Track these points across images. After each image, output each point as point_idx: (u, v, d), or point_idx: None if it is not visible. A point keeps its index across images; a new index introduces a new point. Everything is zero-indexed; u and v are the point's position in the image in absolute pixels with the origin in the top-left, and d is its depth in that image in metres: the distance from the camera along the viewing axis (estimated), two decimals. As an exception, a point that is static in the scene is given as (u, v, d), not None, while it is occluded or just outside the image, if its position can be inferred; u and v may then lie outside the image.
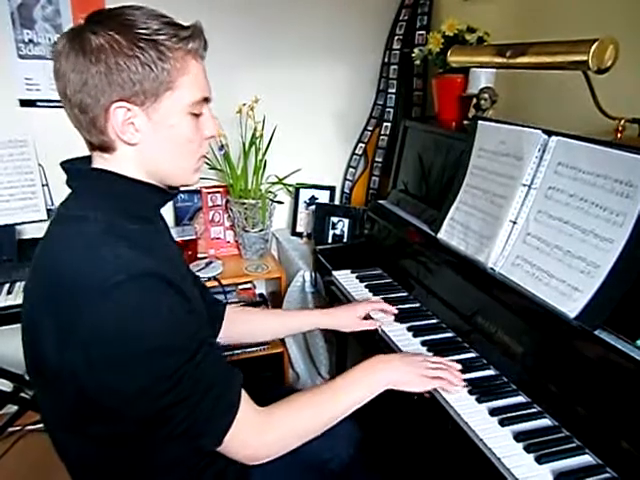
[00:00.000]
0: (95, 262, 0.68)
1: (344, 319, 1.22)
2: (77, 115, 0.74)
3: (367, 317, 1.24)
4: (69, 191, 0.81)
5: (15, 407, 1.88)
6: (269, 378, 2.11)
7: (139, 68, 0.70)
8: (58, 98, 0.75)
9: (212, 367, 0.77)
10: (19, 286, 1.58)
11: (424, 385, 0.95)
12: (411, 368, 0.96)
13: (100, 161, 0.79)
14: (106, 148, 0.76)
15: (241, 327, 1.19)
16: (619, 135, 1.11)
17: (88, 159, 0.81)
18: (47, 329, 0.71)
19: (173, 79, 0.73)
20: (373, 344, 1.23)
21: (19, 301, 1.48)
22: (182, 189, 0.93)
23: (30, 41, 1.73)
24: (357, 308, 1.24)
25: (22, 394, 1.87)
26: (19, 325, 0.79)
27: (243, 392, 0.81)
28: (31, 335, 0.77)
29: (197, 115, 0.79)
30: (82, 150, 0.82)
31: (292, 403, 0.87)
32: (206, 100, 0.80)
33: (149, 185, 0.81)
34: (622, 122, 1.10)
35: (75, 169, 0.80)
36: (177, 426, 0.73)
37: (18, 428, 1.88)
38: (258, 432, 0.81)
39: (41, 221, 1.75)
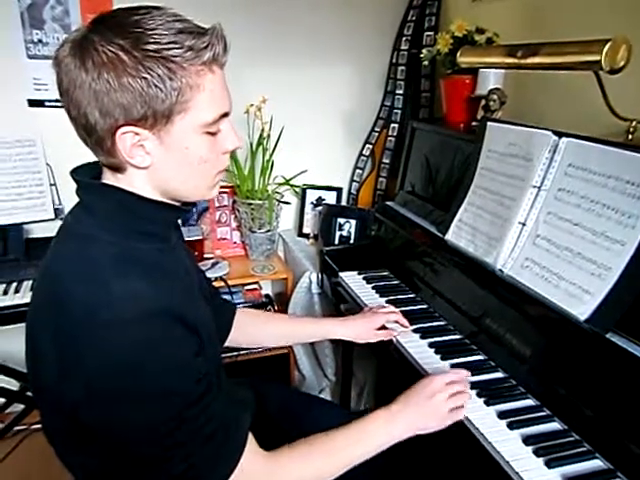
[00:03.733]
0: (105, 296, 0.65)
1: (360, 330, 1.18)
2: (83, 136, 0.69)
3: (382, 327, 1.20)
4: (77, 190, 0.77)
5: (22, 406, 1.89)
6: (274, 379, 2.10)
7: (146, 89, 0.64)
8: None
9: (217, 413, 0.73)
10: (26, 285, 1.58)
11: (447, 422, 0.90)
12: (434, 410, 0.89)
13: (111, 177, 0.74)
14: (116, 168, 0.72)
15: (252, 332, 1.16)
16: (630, 136, 1.10)
17: (99, 166, 0.77)
18: (48, 354, 0.68)
19: (186, 99, 0.66)
20: (379, 346, 1.23)
21: (26, 300, 1.49)
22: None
23: (39, 41, 1.74)
24: (374, 319, 1.19)
25: (28, 393, 1.88)
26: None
27: (250, 437, 0.77)
28: (32, 353, 0.74)
29: (213, 133, 0.72)
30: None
31: (300, 449, 0.81)
32: (225, 115, 0.72)
33: (162, 203, 0.76)
34: (633, 123, 1.09)
35: (86, 183, 0.75)
36: (175, 467, 0.70)
37: (24, 427, 1.89)
38: None
39: (49, 220, 1.75)
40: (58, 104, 1.79)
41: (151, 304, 0.66)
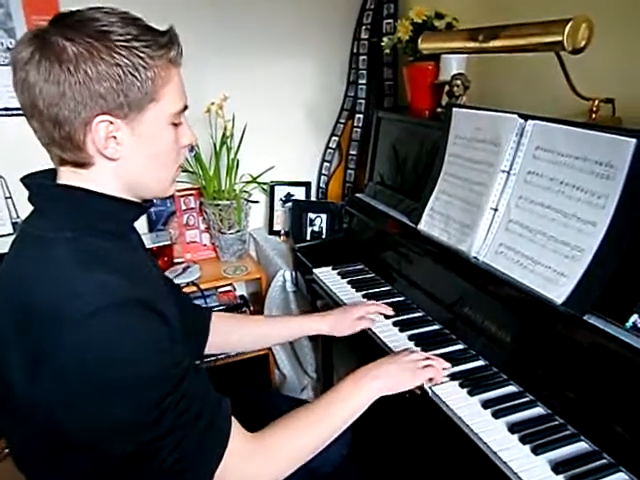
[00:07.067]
0: (72, 291, 0.64)
1: (340, 323, 1.16)
2: (49, 130, 0.68)
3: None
4: (29, 196, 0.75)
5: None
6: (254, 381, 2.07)
7: (122, 77, 0.66)
8: (18, 106, 0.70)
9: (198, 396, 0.72)
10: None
11: (417, 379, 0.93)
12: (400, 367, 0.94)
13: (71, 177, 0.73)
14: (82, 164, 0.71)
15: (233, 337, 1.14)
16: (594, 116, 1.10)
17: (52, 172, 0.76)
18: (15, 361, 0.66)
19: (157, 89, 0.70)
20: (359, 341, 1.21)
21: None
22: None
23: (-19, 47, 1.65)
24: (353, 309, 1.18)
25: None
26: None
27: (233, 420, 0.76)
28: None
29: (176, 125, 0.76)
30: (46, 159, 0.76)
31: (284, 425, 0.82)
32: (185, 108, 0.77)
33: (122, 200, 0.76)
34: (596, 102, 1.09)
35: (38, 185, 0.74)
36: (164, 460, 0.68)
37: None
38: (252, 462, 0.77)
39: (7, 235, 1.67)
40: (8, 112, 1.73)
41: (119, 294, 0.65)
